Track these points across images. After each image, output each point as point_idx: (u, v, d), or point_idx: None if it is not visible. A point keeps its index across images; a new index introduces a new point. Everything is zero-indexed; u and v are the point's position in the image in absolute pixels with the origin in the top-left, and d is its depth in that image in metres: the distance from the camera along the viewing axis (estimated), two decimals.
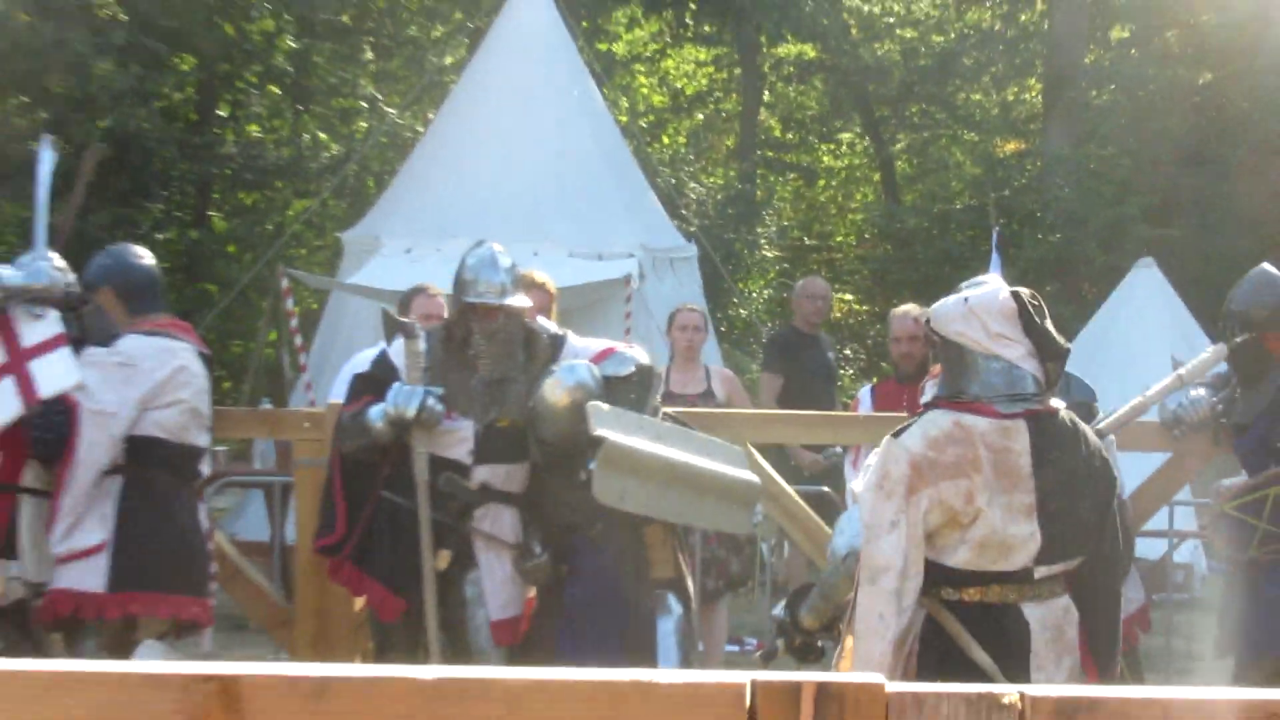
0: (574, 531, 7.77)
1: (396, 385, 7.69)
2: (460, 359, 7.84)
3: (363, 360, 9.58)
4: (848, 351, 22.73)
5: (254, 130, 26.03)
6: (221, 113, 26.08)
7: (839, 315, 25.86)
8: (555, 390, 7.49)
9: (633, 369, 7.84)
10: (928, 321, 6.47)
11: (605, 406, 7.45)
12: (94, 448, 7.56)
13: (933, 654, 5.87)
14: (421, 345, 7.86)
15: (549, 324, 8.23)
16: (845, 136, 28.61)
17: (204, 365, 8.12)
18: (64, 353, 7.88)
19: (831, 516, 8.66)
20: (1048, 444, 5.77)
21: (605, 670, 2.05)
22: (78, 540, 7.61)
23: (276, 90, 26.79)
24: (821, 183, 29.37)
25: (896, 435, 6.08)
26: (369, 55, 26.29)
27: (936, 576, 5.89)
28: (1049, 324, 5.85)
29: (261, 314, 19.55)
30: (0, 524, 7.76)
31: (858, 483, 6.33)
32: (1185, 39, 23.35)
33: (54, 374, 7.81)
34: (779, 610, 7.01)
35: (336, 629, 8.60)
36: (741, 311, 21.38)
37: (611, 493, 7.24)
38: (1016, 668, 5.76)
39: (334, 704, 1.87)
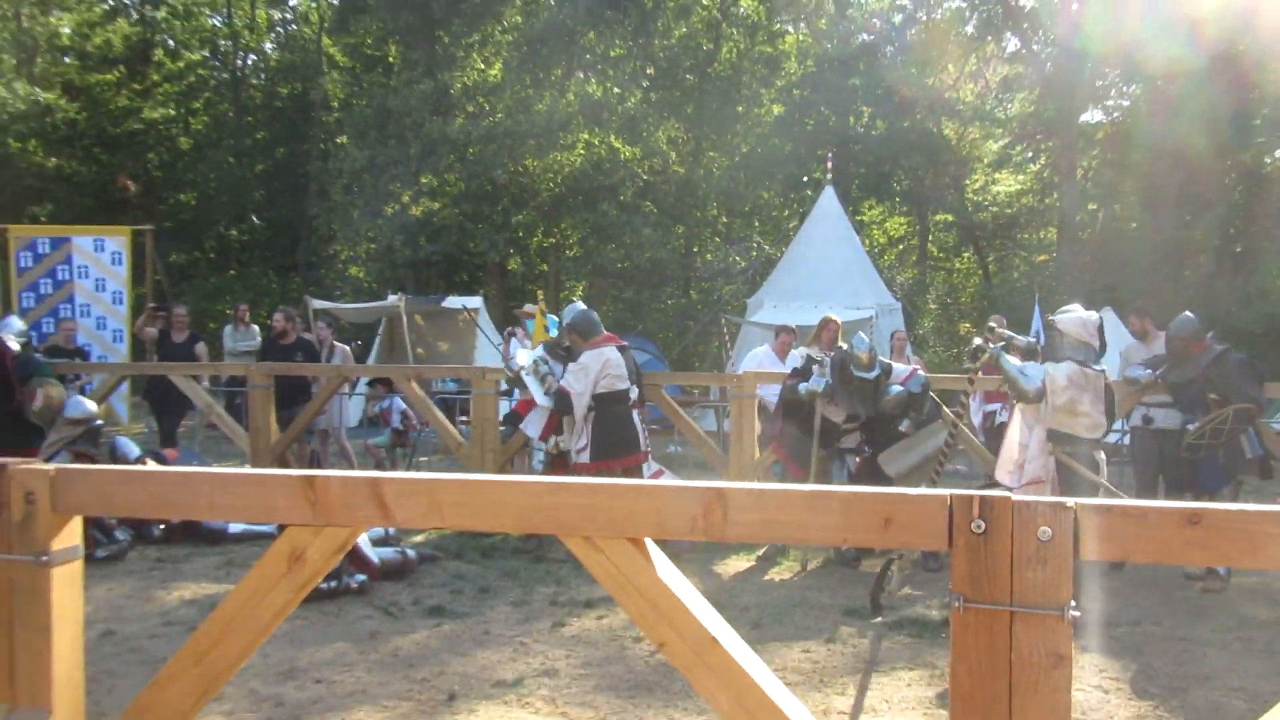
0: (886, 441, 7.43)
1: (815, 378, 7.55)
2: (845, 379, 7.43)
3: (755, 355, 9.61)
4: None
5: (708, 257, 25.79)
6: (695, 249, 25.83)
7: (962, 333, 24.90)
8: (893, 399, 7.27)
9: (921, 387, 7.46)
10: (1051, 321, 6.44)
11: (895, 451, 7.37)
12: (580, 408, 7.60)
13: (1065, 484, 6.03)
14: (823, 371, 7.57)
15: (883, 360, 7.69)
16: (966, 254, 27.58)
17: (619, 353, 7.86)
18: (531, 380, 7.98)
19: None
20: (1105, 385, 6.02)
21: (889, 489, 1.99)
22: (579, 443, 7.71)
23: (718, 239, 26.44)
24: (955, 275, 28.37)
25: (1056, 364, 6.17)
26: (757, 224, 25.92)
27: (1062, 439, 6.08)
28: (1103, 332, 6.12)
29: (715, 334, 21.06)
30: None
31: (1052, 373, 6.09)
32: (1125, 210, 22.45)
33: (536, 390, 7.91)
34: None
35: (751, 472, 8.36)
36: (919, 332, 20.96)
37: (899, 484, 6.91)
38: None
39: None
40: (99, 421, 7.75)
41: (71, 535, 2.52)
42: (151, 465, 7.90)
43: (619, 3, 22.58)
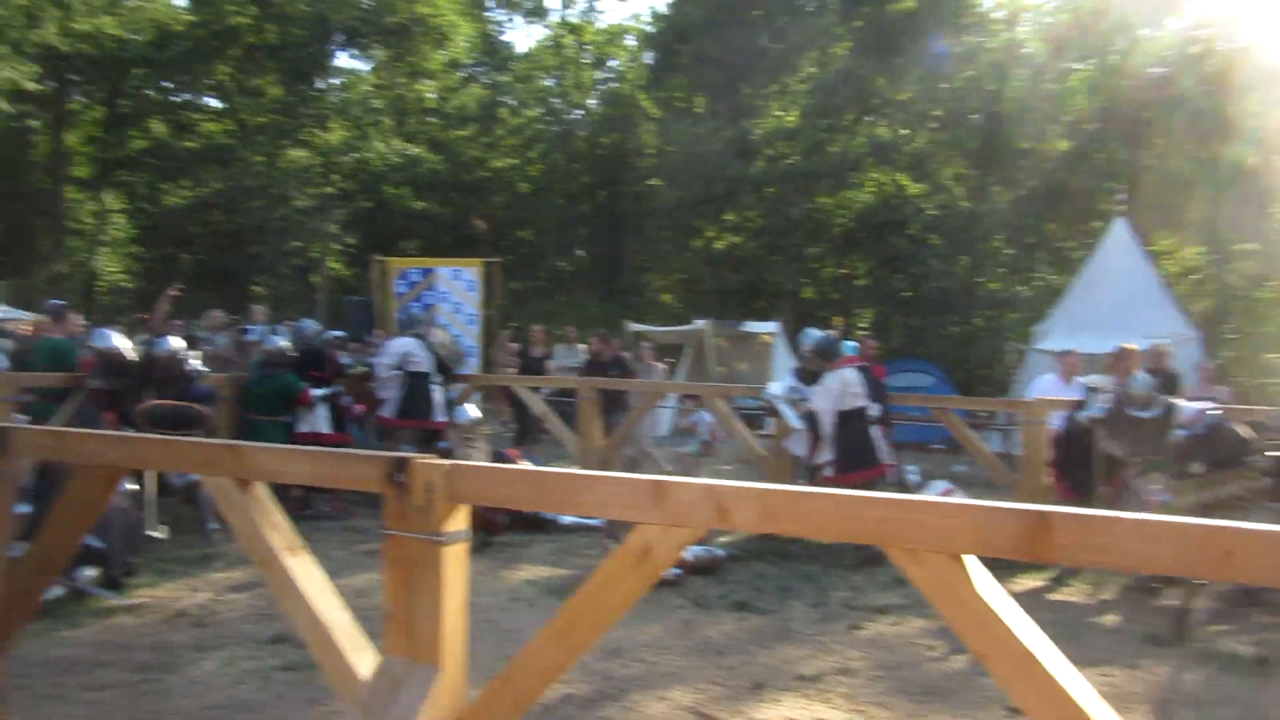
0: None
1: (1092, 405, 7.02)
2: (1121, 418, 6.88)
3: (1043, 382, 8.96)
4: None
5: (992, 286, 23.97)
6: (978, 279, 24.62)
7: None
8: (1174, 444, 6.60)
9: (1207, 430, 6.58)
10: None
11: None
12: (824, 424, 7.58)
13: None
14: (1101, 400, 6.98)
15: (1169, 399, 6.93)
16: (1273, 282, 23.47)
17: (858, 373, 7.71)
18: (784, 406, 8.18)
19: None
20: None
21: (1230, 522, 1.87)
22: (825, 457, 7.65)
23: (1002, 269, 26.52)
24: (1260, 304, 24.21)
25: None
26: (1042, 255, 25.10)
27: None
28: None
29: (998, 360, 20.46)
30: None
31: None
32: None
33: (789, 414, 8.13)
34: None
35: (1042, 495, 7.55)
36: (1219, 362, 18.68)
37: None
38: None
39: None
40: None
41: (460, 520, 2.71)
42: (524, 465, 8.42)
43: (908, 51, 22.06)
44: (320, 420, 8.83)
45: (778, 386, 8.35)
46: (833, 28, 22.66)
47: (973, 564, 2.17)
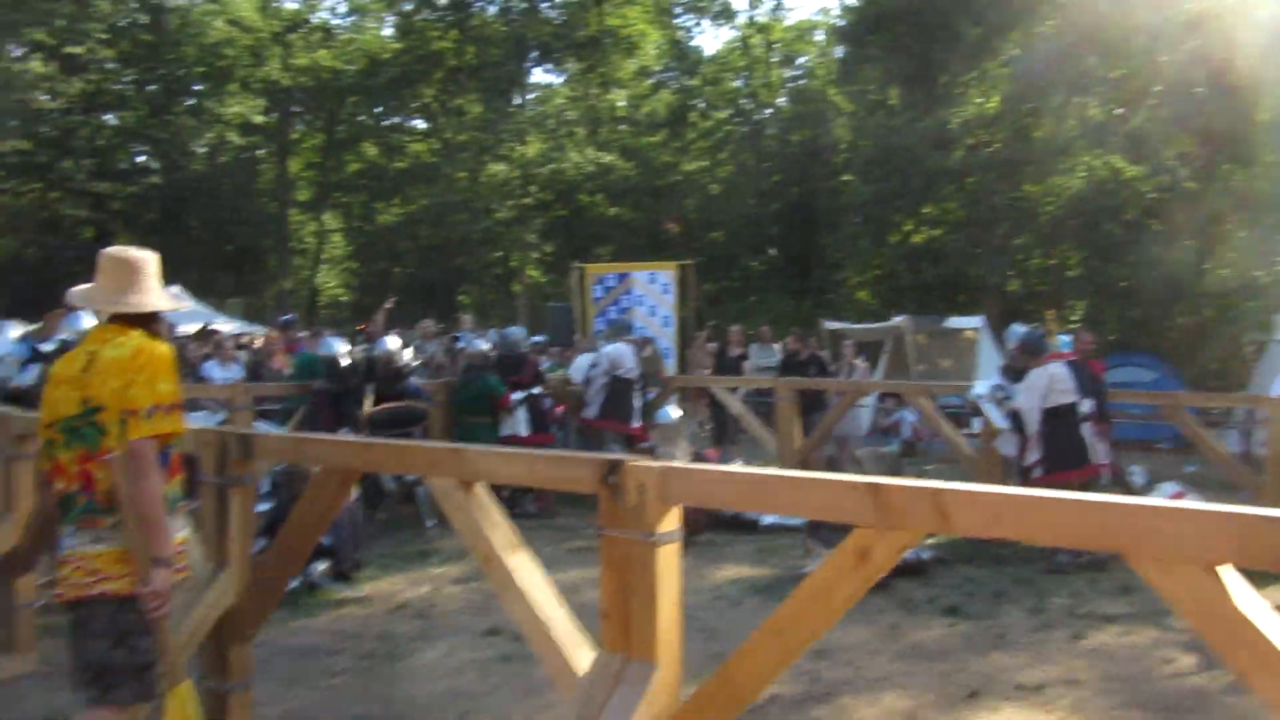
0: None
1: None
2: None
3: None
4: None
5: (1222, 273, 21.84)
6: (1206, 265, 22.43)
7: None
8: None
9: None
10: None
11: None
12: (1030, 423, 7.24)
13: None
14: None
15: None
16: None
17: (1067, 368, 7.38)
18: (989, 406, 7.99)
19: None
20: None
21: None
22: (1034, 457, 7.26)
23: (1235, 254, 24.44)
24: None
25: None
26: None
27: None
28: None
29: (1234, 353, 18.81)
30: None
31: None
32: None
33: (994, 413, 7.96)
34: None
35: None
36: None
37: None
38: None
39: None
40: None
41: (672, 521, 2.73)
42: (737, 466, 8.43)
43: (1120, 25, 20.69)
44: (520, 423, 9.15)
45: (982, 385, 8.14)
46: (1036, 6, 21.53)
47: (1229, 575, 2.03)
